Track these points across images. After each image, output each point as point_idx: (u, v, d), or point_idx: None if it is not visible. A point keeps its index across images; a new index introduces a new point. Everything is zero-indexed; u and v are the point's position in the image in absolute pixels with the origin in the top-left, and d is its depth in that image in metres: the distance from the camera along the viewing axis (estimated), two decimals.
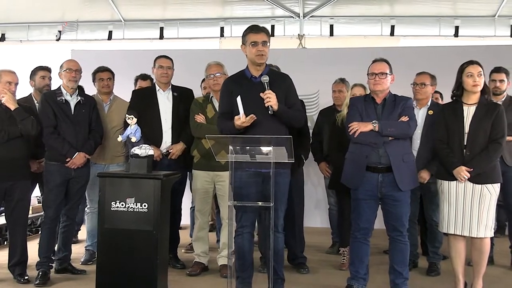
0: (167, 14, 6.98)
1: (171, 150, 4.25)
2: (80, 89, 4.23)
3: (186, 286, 3.93)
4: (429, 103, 4.25)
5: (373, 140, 3.44)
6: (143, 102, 4.28)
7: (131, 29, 7.08)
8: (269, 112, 3.27)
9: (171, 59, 4.40)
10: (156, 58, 4.40)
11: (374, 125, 3.43)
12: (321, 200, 6.05)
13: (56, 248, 4.18)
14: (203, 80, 5.11)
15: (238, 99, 3.25)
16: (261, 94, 3.28)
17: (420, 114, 4.21)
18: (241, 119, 3.23)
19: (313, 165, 5.30)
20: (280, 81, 3.45)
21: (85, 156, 4.05)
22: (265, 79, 3.31)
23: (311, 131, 4.87)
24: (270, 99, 3.26)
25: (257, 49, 3.36)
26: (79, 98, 4.11)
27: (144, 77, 5.11)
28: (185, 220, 5.21)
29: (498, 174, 3.51)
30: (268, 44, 3.41)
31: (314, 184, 6.06)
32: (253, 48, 3.37)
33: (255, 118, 3.23)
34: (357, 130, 3.47)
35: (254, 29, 3.42)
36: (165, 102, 4.34)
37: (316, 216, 6.14)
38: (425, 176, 4.07)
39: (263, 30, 3.42)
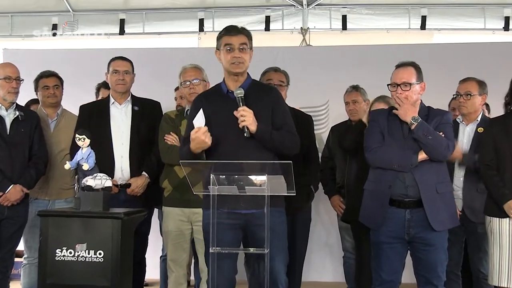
0: (129, 3, 7.06)
1: (131, 187, 4.22)
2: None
3: None
4: (479, 118, 4.25)
5: (397, 160, 3.48)
6: (92, 120, 4.28)
7: (83, 22, 7.14)
8: (245, 134, 3.29)
9: (130, 61, 4.42)
10: (110, 61, 4.43)
11: (414, 121, 3.47)
12: (333, 245, 6.06)
13: None
14: (177, 88, 5.17)
15: (200, 111, 3.31)
16: (235, 113, 3.30)
17: (467, 132, 4.27)
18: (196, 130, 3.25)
19: (322, 199, 5.32)
20: (264, 95, 3.48)
21: (22, 190, 4.06)
22: (239, 92, 3.34)
23: (320, 154, 4.91)
24: (245, 118, 3.28)
25: (233, 55, 3.40)
26: (17, 113, 4.14)
27: (107, 85, 5.11)
28: (152, 273, 5.20)
29: None
30: (248, 49, 3.44)
31: (325, 224, 6.08)
32: (228, 54, 3.41)
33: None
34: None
35: (230, 30, 3.47)
36: (121, 119, 4.34)
37: (327, 267, 6.16)
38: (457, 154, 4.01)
39: (242, 31, 3.47)
